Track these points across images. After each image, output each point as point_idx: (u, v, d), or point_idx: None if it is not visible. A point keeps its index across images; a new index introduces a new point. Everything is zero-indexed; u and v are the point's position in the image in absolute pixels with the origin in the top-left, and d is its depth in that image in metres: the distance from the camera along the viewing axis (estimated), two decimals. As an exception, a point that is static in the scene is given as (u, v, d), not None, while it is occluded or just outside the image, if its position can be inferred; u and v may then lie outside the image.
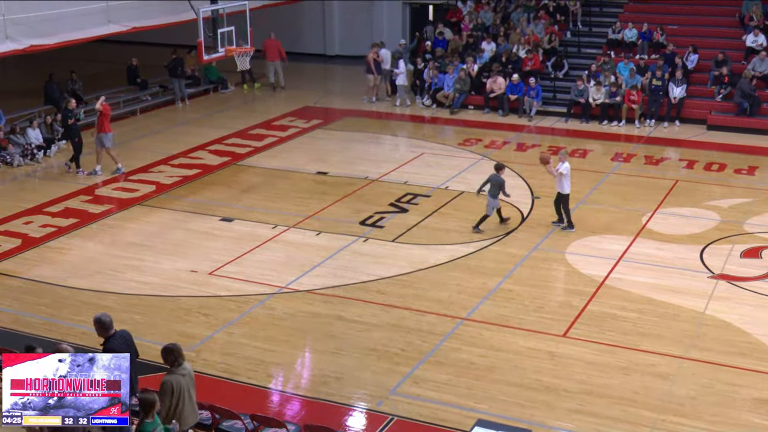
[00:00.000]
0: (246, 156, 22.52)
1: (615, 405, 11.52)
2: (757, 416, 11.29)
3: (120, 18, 24.47)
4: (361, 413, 11.51)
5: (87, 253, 16.58)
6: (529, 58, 27.10)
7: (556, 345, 13.05)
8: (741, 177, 20.76)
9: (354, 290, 14.91)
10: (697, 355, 12.76)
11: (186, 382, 9.75)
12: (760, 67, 25.10)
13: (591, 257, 16.11)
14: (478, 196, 17.59)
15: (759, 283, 15.02)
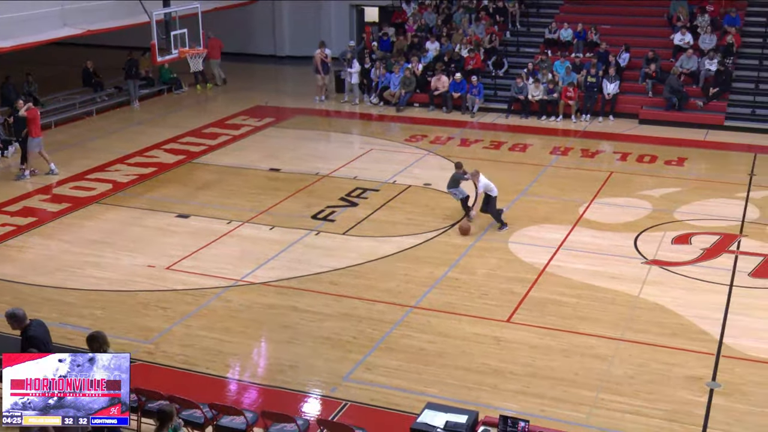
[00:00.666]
0: (200, 154, 22.31)
1: (557, 386, 11.63)
2: (690, 392, 11.47)
3: (75, 21, 24.09)
4: (316, 399, 11.49)
5: (46, 250, 16.30)
6: (471, 58, 27.21)
7: (500, 330, 13.14)
8: (671, 168, 21.06)
9: (307, 282, 14.86)
10: (632, 337, 12.93)
11: None
12: (687, 64, 25.48)
13: (532, 246, 16.23)
14: (457, 199, 17.52)
15: (689, 268, 15.26)
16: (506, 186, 19.46)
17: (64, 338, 12.87)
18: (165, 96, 29.03)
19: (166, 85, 29.30)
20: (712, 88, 24.82)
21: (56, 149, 22.69)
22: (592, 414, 11.00)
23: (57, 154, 22.23)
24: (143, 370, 11.99)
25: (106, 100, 27.40)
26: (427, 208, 18.23)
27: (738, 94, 25.24)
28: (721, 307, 13.80)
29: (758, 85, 25.34)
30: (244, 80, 31.27)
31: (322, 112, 27.03)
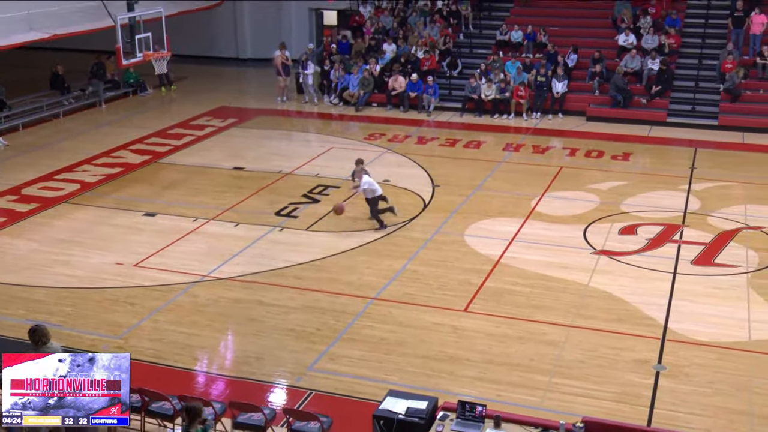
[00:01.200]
0: (166, 154, 22.10)
1: (513, 371, 11.71)
2: (637, 375, 11.62)
3: (41, 25, 23.71)
4: (282, 389, 11.46)
5: (16, 250, 16.05)
6: (427, 59, 27.25)
7: (458, 319, 13.20)
8: (617, 162, 21.28)
9: (271, 276, 14.80)
10: (583, 323, 13.06)
11: None
12: (631, 63, 25.75)
13: (487, 238, 16.32)
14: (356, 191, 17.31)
15: (635, 257, 15.44)
16: (462, 181, 19.60)
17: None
18: (130, 98, 28.69)
19: (131, 88, 28.97)
20: (655, 86, 25.13)
21: (24, 151, 22.39)
22: (546, 397, 11.10)
23: (25, 155, 21.94)
24: (113, 365, 11.86)
25: (72, 103, 27.03)
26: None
27: (679, 92, 25.56)
28: (666, 294, 13.98)
29: (698, 83, 25.68)
30: (208, 82, 31.01)
31: (283, 112, 26.91)
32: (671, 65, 25.66)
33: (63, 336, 12.68)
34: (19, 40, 23.35)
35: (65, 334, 12.74)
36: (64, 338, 12.60)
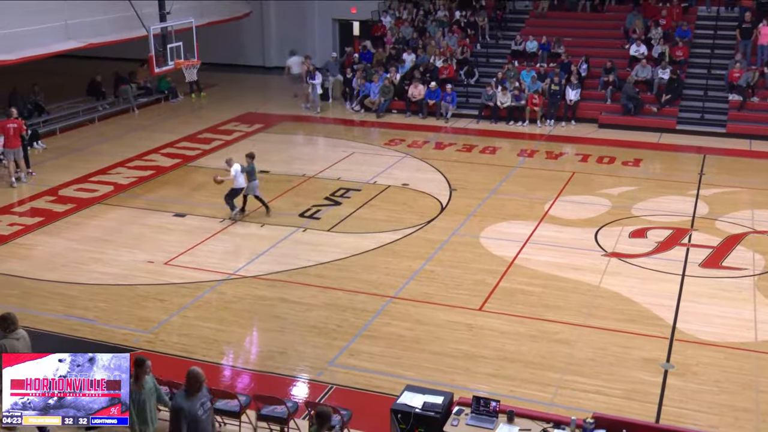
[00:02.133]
0: (196, 158, 22.20)
1: (526, 368, 11.67)
2: (646, 373, 11.55)
3: (78, 35, 23.90)
4: (304, 383, 11.48)
5: (53, 248, 16.18)
6: (445, 68, 27.23)
7: (473, 318, 13.17)
8: (628, 168, 21.17)
9: (295, 275, 14.83)
10: (593, 323, 13.00)
11: (21, 345, 9.55)
12: (642, 73, 25.61)
13: (501, 240, 16.28)
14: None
15: (645, 260, 15.35)
16: (478, 185, 19.57)
17: (70, 329, 12.82)
18: (162, 104, 28.84)
19: (162, 94, 29.13)
20: (665, 95, 24.98)
21: (61, 154, 22.58)
22: (558, 394, 11.06)
23: (62, 158, 22.13)
24: (144, 358, 11.93)
25: (107, 108, 27.22)
26: (405, 206, 18.25)
27: (689, 101, 25.39)
28: (674, 295, 13.89)
29: (707, 92, 25.51)
30: (236, 89, 31.12)
31: (307, 118, 26.94)
32: (681, 75, 25.49)
33: (97, 331, 12.80)
34: (57, 48, 23.55)
35: (99, 329, 12.84)
36: (98, 333, 12.72)
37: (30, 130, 22.70)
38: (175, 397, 8.75)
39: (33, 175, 20.43)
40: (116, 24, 24.85)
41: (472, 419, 9.07)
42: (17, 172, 19.77)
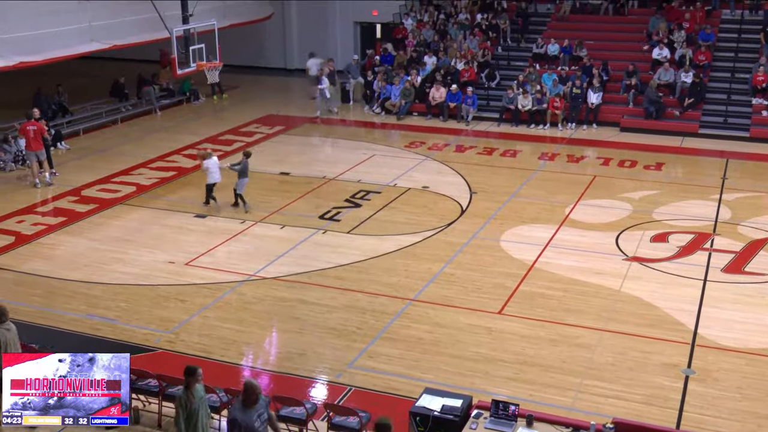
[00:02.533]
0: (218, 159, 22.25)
1: (545, 372, 11.63)
2: (666, 379, 11.47)
3: (101, 36, 24.11)
4: (323, 384, 11.50)
5: (75, 248, 16.31)
6: (466, 70, 27.20)
7: (492, 321, 13.14)
8: (650, 172, 21.04)
9: (315, 276, 14.86)
10: (614, 327, 12.93)
11: (11, 336, 9.65)
12: (664, 76, 25.46)
13: (522, 244, 16.23)
14: (229, 169, 18.22)
15: (666, 264, 15.26)
16: (498, 188, 19.53)
17: (93, 329, 12.92)
18: (184, 106, 29.01)
19: (184, 96, 29.30)
20: (688, 98, 24.81)
21: (85, 154, 22.77)
22: (578, 398, 11.01)
23: (85, 159, 22.32)
24: (164, 358, 12.02)
25: (130, 110, 27.42)
26: (426, 209, 18.24)
27: (711, 105, 25.21)
28: (696, 300, 13.79)
29: (730, 96, 25.31)
30: (257, 91, 31.23)
31: (327, 120, 26.99)
32: (704, 78, 25.31)
33: (118, 330, 12.88)
34: (81, 50, 23.76)
35: (120, 329, 12.93)
36: (119, 332, 12.80)
37: (53, 130, 22.93)
38: (231, 408, 8.70)
39: (56, 175, 20.61)
40: (139, 26, 25.04)
41: (491, 423, 9.05)
42: (41, 172, 19.92)
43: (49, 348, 10.47)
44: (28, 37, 21.60)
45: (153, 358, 12.01)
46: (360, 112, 27.95)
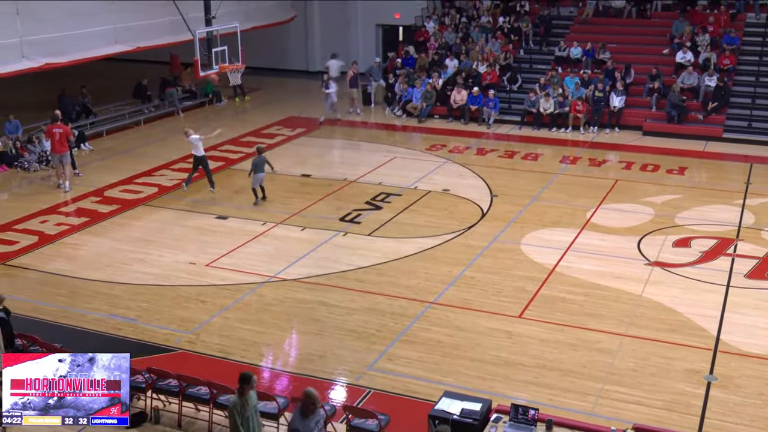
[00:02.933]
0: (238, 161, 22.39)
1: (565, 377, 11.57)
2: (688, 385, 11.38)
3: (126, 38, 24.32)
4: (342, 387, 11.50)
5: (98, 248, 16.44)
6: (488, 73, 27.15)
7: (512, 325, 13.09)
8: (672, 176, 20.89)
9: (335, 279, 14.88)
10: (635, 332, 12.85)
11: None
12: (688, 80, 25.28)
13: (543, 248, 16.17)
14: (249, 177, 18.86)
15: (689, 269, 15.14)
16: (519, 192, 19.46)
17: (114, 329, 13.00)
18: (206, 108, 29.17)
19: (207, 98, 29.46)
20: (712, 102, 24.62)
21: (108, 155, 22.95)
22: (598, 404, 10.94)
23: (108, 160, 22.49)
24: (184, 358, 12.08)
25: (153, 111, 27.60)
26: (446, 211, 18.22)
27: (736, 109, 24.99)
28: (719, 306, 13.68)
29: (755, 100, 25.08)
30: (278, 93, 31.33)
31: (349, 122, 27.04)
32: (728, 82, 25.11)
33: (139, 330, 12.96)
34: (105, 51, 23.98)
35: (141, 329, 13.01)
36: (140, 332, 12.88)
37: (76, 131, 23.13)
38: (291, 419, 8.66)
39: (79, 175, 20.78)
40: (163, 28, 25.22)
41: (511, 427, 9.02)
42: (63, 176, 19.89)
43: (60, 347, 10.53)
44: (54, 39, 21.85)
45: (173, 358, 12.08)
46: (381, 114, 27.97)
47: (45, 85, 28.06)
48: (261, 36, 31.10)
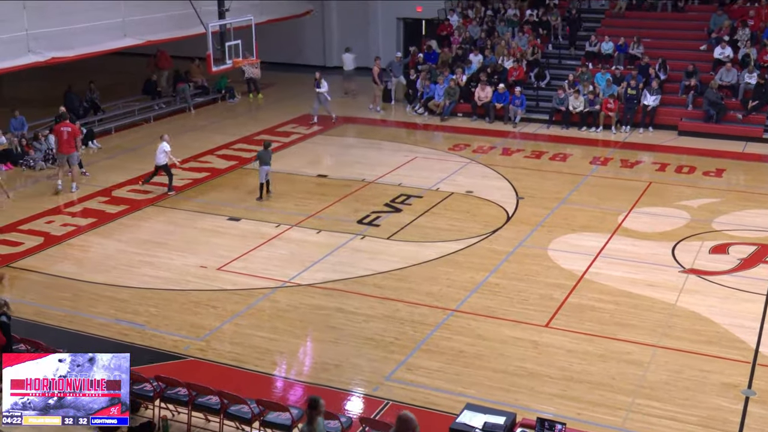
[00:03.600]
0: (252, 160, 22.40)
1: (594, 390, 11.52)
2: (725, 400, 11.29)
3: (135, 32, 24.48)
4: (359, 398, 11.51)
5: (105, 250, 16.55)
6: (514, 69, 27.10)
7: (539, 334, 13.05)
8: (709, 179, 20.76)
9: (352, 284, 14.90)
10: (669, 344, 12.77)
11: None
12: (726, 77, 25.11)
13: (571, 253, 16.11)
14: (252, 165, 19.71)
15: (726, 277, 15.03)
16: (546, 194, 19.40)
17: (120, 334, 13.07)
18: (218, 104, 29.32)
19: (219, 94, 29.60)
20: (752, 101, 24.44)
21: (116, 154, 23.11)
22: (628, 418, 10.88)
23: (116, 158, 22.64)
24: (195, 366, 12.12)
25: (163, 108, 27.77)
26: (469, 214, 18.19)
27: (777, 107, 24.82)
28: (758, 317, 13.56)
29: (797, 98, 24.89)
30: (294, 90, 31.40)
31: (368, 120, 27.08)
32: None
33: (147, 336, 13.03)
34: (113, 45, 24.16)
35: (149, 335, 13.07)
36: (148, 338, 12.94)
37: (84, 129, 23.31)
38: None
39: (87, 175, 20.92)
40: (174, 21, 25.37)
41: (536, 442, 8.99)
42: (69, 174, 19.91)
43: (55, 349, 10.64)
44: (61, 32, 22.04)
45: (182, 366, 12.13)
46: (402, 112, 28.00)
47: (51, 81, 28.31)
48: (276, 30, 31.21)
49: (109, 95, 27.46)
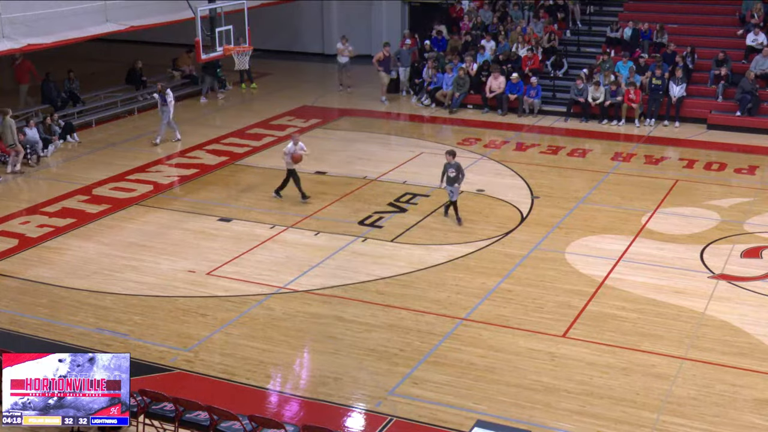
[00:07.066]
0: (244, 156, 22.51)
1: (616, 406, 11.52)
2: (759, 417, 11.28)
3: (118, 17, 24.51)
4: (360, 414, 11.51)
5: (85, 253, 16.57)
6: (529, 57, 27.10)
7: (555, 345, 13.05)
8: (741, 177, 20.76)
9: (353, 290, 14.91)
10: (697, 356, 12.76)
11: None
12: (762, 65, 25.09)
13: (590, 257, 16.11)
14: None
15: (760, 283, 15.02)
16: (564, 193, 19.41)
17: (101, 344, 13.09)
18: (209, 94, 29.31)
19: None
20: (788, 92, 24.46)
21: (97, 148, 23.14)
22: (653, 437, 10.89)
23: (98, 153, 22.68)
24: (182, 379, 12.14)
25: (148, 99, 27.78)
26: (480, 215, 18.20)
27: (816, 99, 24.84)
28: (794, 326, 13.58)
29: (837, 89, 24.91)
30: (291, 79, 31.45)
31: (370, 113, 27.10)
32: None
33: (131, 346, 13.03)
34: (94, 31, 24.17)
35: (133, 344, 13.09)
36: (132, 349, 12.95)
37: (62, 122, 23.35)
38: None
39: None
40: (159, 5, 25.41)
41: (553, 462, 8.99)
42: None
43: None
44: (38, 17, 22.07)
45: (169, 379, 12.15)
46: (407, 103, 28.02)
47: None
48: (271, 15, 31.22)
49: (89, 85, 27.50)
